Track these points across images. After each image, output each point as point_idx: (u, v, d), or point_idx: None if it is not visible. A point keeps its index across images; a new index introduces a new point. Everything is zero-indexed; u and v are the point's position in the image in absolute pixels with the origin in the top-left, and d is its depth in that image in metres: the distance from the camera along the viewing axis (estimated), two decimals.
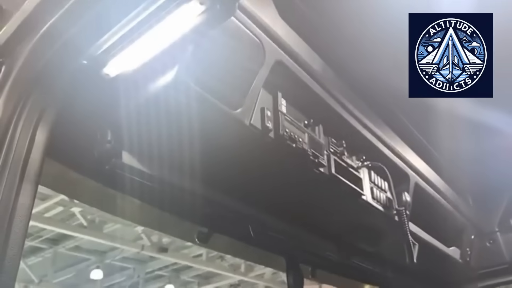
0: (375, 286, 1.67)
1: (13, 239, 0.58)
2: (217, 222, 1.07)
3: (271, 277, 11.44)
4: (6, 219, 0.57)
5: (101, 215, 7.93)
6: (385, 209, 1.11)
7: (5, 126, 0.59)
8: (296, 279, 1.25)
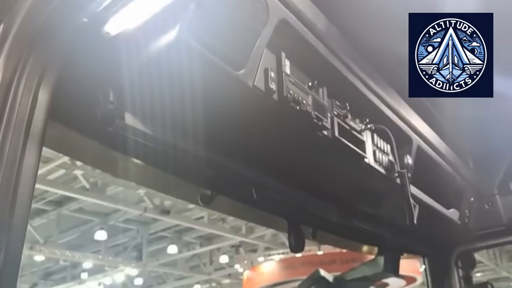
0: (374, 247, 1.70)
1: (21, 198, 0.58)
2: (220, 184, 1.08)
3: (271, 239, 11.70)
4: (13, 179, 0.58)
5: (103, 178, 8.01)
6: (387, 172, 1.12)
7: (6, 87, 0.58)
8: (297, 240, 1.27)
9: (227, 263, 13.10)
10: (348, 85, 0.99)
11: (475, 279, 1.88)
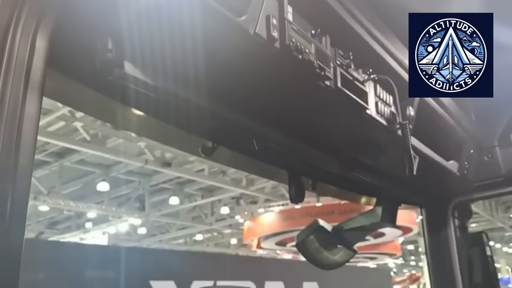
0: (372, 198, 1.73)
1: (24, 147, 0.58)
2: (221, 135, 1.08)
3: (271, 191, 11.91)
4: (15, 128, 0.57)
5: (104, 130, 8.02)
6: (388, 123, 1.11)
7: (3, 33, 0.57)
8: (297, 191, 1.29)
9: (228, 214, 13.42)
10: (352, 34, 0.97)
11: (470, 229, 1.92)
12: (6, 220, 0.56)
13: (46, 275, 3.77)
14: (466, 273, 1.75)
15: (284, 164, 1.29)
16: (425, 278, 18.19)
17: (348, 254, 1.56)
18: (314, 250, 1.51)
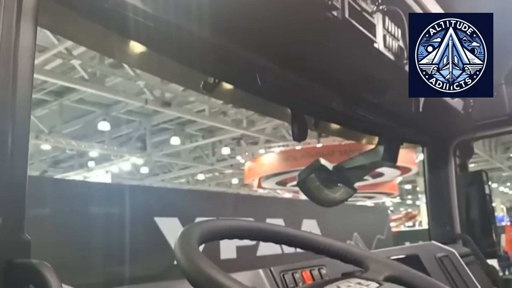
0: (374, 137, 1.72)
1: (21, 81, 0.56)
2: (223, 70, 1.05)
3: (271, 132, 11.94)
4: (11, 60, 0.55)
5: (102, 69, 7.90)
6: (396, 59, 1.08)
7: None
8: (300, 129, 1.28)
9: (229, 155, 13.57)
10: None
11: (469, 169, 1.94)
12: (8, 155, 0.55)
13: (52, 212, 3.87)
14: (464, 210, 1.79)
15: (287, 102, 1.27)
16: (421, 216, 18.80)
17: (348, 192, 1.58)
18: (315, 188, 1.53)
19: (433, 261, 1.27)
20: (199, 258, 0.56)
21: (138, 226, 4.26)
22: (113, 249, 3.85)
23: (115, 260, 3.79)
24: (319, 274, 1.04)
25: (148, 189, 7.96)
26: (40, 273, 0.59)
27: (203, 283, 0.52)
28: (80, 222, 3.98)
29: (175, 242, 0.62)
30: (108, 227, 3.95)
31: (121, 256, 3.78)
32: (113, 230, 3.97)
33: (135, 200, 4.52)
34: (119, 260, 3.77)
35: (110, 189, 5.35)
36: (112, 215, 4.18)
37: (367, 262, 0.79)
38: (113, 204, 4.32)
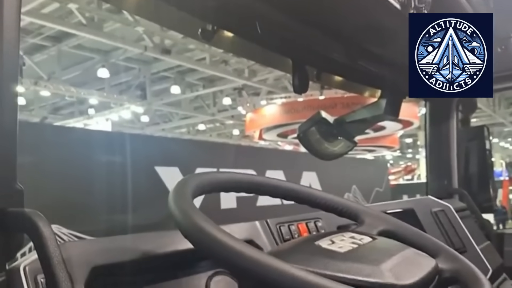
0: (377, 90, 1.69)
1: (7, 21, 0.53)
2: (222, 17, 1.00)
3: (273, 83, 11.81)
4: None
5: (100, 14, 7.68)
6: (402, 8, 1.02)
7: None
8: (301, 81, 1.25)
9: (230, 105, 13.50)
10: None
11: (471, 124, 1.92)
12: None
13: (53, 159, 3.89)
14: (463, 165, 1.78)
15: (288, 52, 1.23)
16: (420, 170, 19.01)
17: (348, 145, 1.57)
18: (315, 141, 1.52)
19: (429, 215, 1.28)
20: (192, 211, 0.55)
21: (139, 175, 4.31)
22: (113, 198, 3.92)
23: (116, 208, 3.86)
24: (315, 227, 1.05)
25: (148, 138, 7.99)
26: (32, 222, 0.59)
27: (196, 235, 0.52)
28: (80, 170, 4.02)
29: (169, 193, 0.62)
30: (109, 176, 3.99)
31: (121, 205, 3.85)
32: (114, 179, 4.02)
33: (136, 149, 4.54)
34: (119, 209, 3.84)
35: (111, 137, 5.37)
36: (112, 164, 4.21)
37: (362, 216, 0.79)
38: (114, 152, 4.34)
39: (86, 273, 0.66)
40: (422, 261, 0.61)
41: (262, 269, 0.47)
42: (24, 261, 0.62)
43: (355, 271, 0.53)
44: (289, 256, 0.57)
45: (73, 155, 4.06)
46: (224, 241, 0.49)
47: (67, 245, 0.67)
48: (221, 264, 0.50)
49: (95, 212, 3.94)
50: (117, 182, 4.01)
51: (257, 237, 0.94)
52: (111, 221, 3.80)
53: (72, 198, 3.88)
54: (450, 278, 0.64)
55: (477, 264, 1.28)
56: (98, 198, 3.98)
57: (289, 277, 0.46)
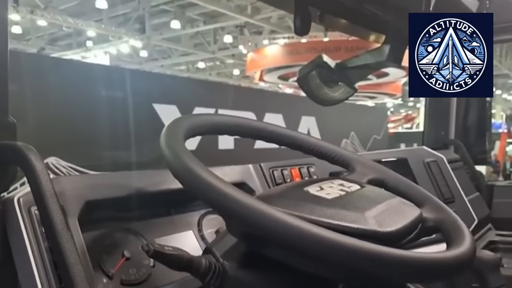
0: (381, 35, 1.64)
1: None
2: None
3: (277, 22, 11.46)
4: None
5: None
6: None
7: None
8: (303, 22, 1.21)
9: (231, 44, 13.18)
10: None
11: None
12: None
13: (51, 92, 3.86)
14: (461, 115, 1.78)
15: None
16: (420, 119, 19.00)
17: (348, 91, 1.55)
18: (315, 86, 1.49)
19: (421, 165, 1.29)
20: (183, 152, 0.55)
21: (136, 111, 4.30)
22: (110, 133, 3.93)
23: (113, 144, 3.89)
24: (307, 172, 1.06)
25: (147, 74, 7.87)
26: (24, 155, 0.59)
27: (185, 176, 0.53)
28: (78, 103, 4.00)
29: (161, 133, 0.61)
30: (107, 111, 3.98)
31: (118, 140, 3.87)
32: (112, 114, 4.01)
33: (134, 84, 4.49)
34: (116, 144, 3.87)
35: (109, 71, 5.29)
36: (110, 99, 4.18)
37: (353, 164, 0.79)
38: (112, 87, 4.30)
39: (80, 207, 0.67)
40: (407, 210, 0.62)
41: (246, 210, 0.48)
42: (18, 193, 0.63)
43: (340, 217, 0.54)
44: (277, 200, 0.58)
45: (71, 89, 4.03)
46: (211, 182, 0.50)
47: (61, 179, 0.68)
48: (208, 204, 0.51)
49: (92, 147, 3.98)
50: (115, 117, 4.01)
51: (250, 180, 0.95)
52: (107, 157, 3.84)
53: (70, 132, 3.90)
54: (433, 227, 0.65)
55: (463, 214, 1.31)
56: (95, 133, 4.00)
57: (272, 219, 0.47)
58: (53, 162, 3.94)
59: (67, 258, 0.54)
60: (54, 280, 0.58)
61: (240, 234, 0.57)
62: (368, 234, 0.52)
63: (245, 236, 0.56)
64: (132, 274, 0.71)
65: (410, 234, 0.59)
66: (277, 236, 0.47)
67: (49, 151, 3.81)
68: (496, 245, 1.37)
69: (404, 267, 0.47)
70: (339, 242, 0.46)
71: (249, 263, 0.59)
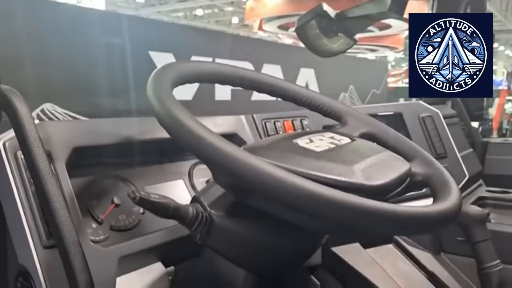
0: None
1: None
2: None
3: None
4: None
5: None
6: None
7: None
8: None
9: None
10: None
11: None
12: None
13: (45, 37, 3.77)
14: None
15: None
16: None
17: (348, 43, 1.51)
18: (313, 36, 1.45)
19: (416, 120, 1.28)
20: (169, 100, 0.54)
21: (132, 58, 4.22)
22: (105, 80, 3.88)
23: (107, 91, 3.85)
24: (300, 125, 1.05)
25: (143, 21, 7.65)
26: (8, 99, 0.58)
27: (171, 124, 0.52)
28: (73, 49, 3.91)
29: (149, 80, 0.60)
30: (102, 57, 3.90)
31: (112, 87, 3.83)
32: (107, 60, 3.93)
33: (130, 31, 4.38)
34: (110, 91, 3.82)
35: (104, 17, 5.14)
36: (106, 45, 4.09)
37: (345, 117, 0.78)
38: (108, 33, 4.19)
39: (68, 153, 0.66)
40: (396, 164, 0.62)
41: (229, 160, 0.47)
42: (4, 137, 0.63)
43: (327, 170, 0.53)
44: (265, 152, 0.57)
45: (66, 34, 3.93)
46: (196, 131, 0.49)
47: (48, 124, 0.67)
48: (192, 152, 0.51)
49: (87, 93, 3.94)
50: (110, 64, 3.94)
51: (241, 131, 0.95)
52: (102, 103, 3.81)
53: (64, 78, 3.84)
54: (422, 182, 0.66)
55: (454, 170, 1.32)
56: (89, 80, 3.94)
57: (254, 169, 0.46)
58: (48, 108, 3.91)
59: (52, 203, 0.54)
60: (42, 224, 0.58)
61: (225, 184, 0.57)
62: (355, 187, 0.52)
63: (231, 186, 0.56)
64: (121, 220, 0.72)
65: (397, 188, 0.59)
66: (260, 187, 0.46)
67: (44, 97, 3.77)
68: (485, 201, 1.39)
69: (386, 219, 0.47)
70: (320, 193, 0.45)
71: (236, 212, 0.59)
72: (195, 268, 0.75)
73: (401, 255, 1.04)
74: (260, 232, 0.60)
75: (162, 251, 0.73)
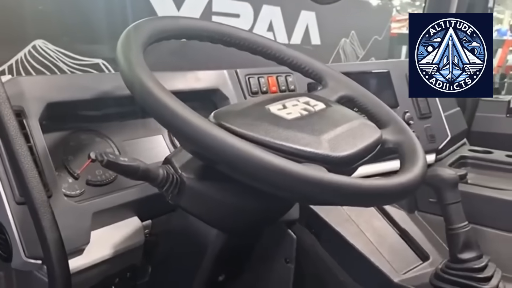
0: None
1: None
2: None
3: None
4: None
5: None
6: None
7: None
8: None
9: None
10: None
11: None
12: None
13: None
14: None
15: None
16: None
17: None
18: None
19: (403, 79, 1.27)
20: (136, 61, 0.53)
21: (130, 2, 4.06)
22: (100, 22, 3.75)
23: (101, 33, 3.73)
24: (285, 82, 1.04)
25: None
26: None
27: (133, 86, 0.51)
28: None
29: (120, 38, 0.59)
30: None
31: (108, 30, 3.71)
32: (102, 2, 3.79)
33: None
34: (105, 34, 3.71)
35: None
36: None
37: (326, 78, 0.78)
38: None
39: (41, 108, 0.66)
40: (366, 133, 0.62)
41: (187, 127, 0.47)
42: None
43: (294, 140, 0.54)
44: (236, 119, 0.57)
45: None
46: (155, 93, 0.48)
47: (21, 79, 0.66)
48: (155, 118, 0.50)
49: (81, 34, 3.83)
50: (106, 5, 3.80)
51: (223, 87, 0.94)
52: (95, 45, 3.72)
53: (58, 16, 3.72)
54: (392, 149, 0.66)
55: (437, 130, 1.32)
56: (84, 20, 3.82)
57: (210, 138, 0.46)
58: (40, 45, 3.83)
59: (20, 163, 0.55)
60: (16, 186, 0.59)
61: (189, 150, 0.58)
62: (319, 158, 0.53)
63: (194, 153, 0.57)
64: (98, 175, 0.74)
65: (365, 157, 0.60)
66: (217, 157, 0.47)
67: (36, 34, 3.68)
68: (466, 160, 1.41)
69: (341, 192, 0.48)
70: (271, 163, 0.46)
71: (206, 175, 0.60)
72: (171, 222, 0.77)
73: (377, 213, 1.07)
74: (230, 194, 0.61)
75: (139, 206, 0.75)
